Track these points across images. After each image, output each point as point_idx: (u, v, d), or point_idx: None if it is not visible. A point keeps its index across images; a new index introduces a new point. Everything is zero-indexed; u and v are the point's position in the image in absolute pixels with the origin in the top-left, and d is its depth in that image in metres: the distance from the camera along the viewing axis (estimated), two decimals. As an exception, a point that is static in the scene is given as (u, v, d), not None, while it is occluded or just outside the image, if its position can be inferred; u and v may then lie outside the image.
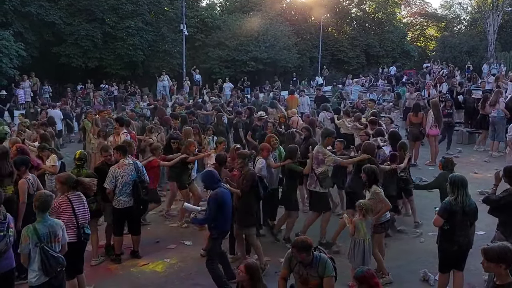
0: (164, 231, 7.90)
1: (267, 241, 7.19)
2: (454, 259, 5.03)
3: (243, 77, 27.55)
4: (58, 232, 4.52)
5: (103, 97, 20.12)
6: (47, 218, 4.53)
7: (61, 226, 4.62)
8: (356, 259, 5.49)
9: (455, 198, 4.85)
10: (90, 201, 6.34)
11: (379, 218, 5.73)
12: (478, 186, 9.00)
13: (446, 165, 6.73)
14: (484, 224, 6.79)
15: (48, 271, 4.40)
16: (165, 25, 28.06)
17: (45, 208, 4.52)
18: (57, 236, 4.50)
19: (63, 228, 4.67)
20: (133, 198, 6.46)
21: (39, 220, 4.45)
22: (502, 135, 11.86)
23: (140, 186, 6.50)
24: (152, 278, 6.15)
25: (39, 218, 4.46)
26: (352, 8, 42.04)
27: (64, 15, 24.43)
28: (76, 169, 6.52)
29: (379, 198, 5.68)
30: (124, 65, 26.41)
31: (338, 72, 35.02)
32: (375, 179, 5.80)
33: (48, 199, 4.56)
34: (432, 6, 46.98)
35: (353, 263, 5.52)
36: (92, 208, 6.31)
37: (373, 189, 5.73)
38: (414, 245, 6.95)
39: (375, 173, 5.82)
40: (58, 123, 14.03)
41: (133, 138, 9.62)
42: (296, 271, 4.42)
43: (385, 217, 5.89)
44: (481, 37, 38.47)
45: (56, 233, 4.50)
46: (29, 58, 22.02)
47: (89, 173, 6.58)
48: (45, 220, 4.49)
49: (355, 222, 5.49)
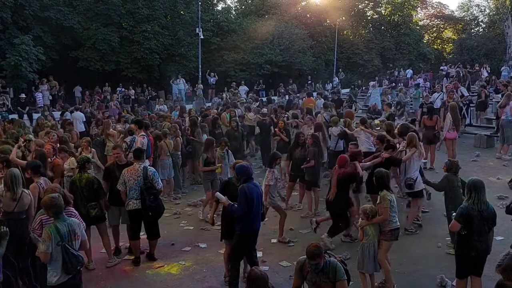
0: (179, 234, 7.97)
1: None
2: (471, 265, 4.95)
3: (258, 80, 27.61)
4: (77, 230, 4.59)
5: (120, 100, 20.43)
6: (65, 217, 4.60)
7: (78, 224, 4.70)
8: (367, 266, 5.46)
9: (471, 202, 4.79)
10: (91, 207, 6.43)
11: (388, 224, 5.56)
12: (497, 191, 8.86)
13: (450, 167, 6.63)
14: (503, 230, 6.69)
15: (69, 269, 4.45)
16: (181, 28, 28.29)
17: (61, 209, 4.57)
18: (76, 234, 4.57)
19: (80, 226, 4.74)
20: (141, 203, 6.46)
21: (58, 220, 4.51)
22: (511, 139, 11.85)
23: (146, 193, 6.40)
24: (167, 281, 6.19)
25: (58, 219, 4.52)
26: (367, 10, 41.75)
27: (82, 19, 24.83)
28: (79, 173, 6.64)
29: (385, 204, 5.56)
30: (141, 69, 26.70)
31: (353, 75, 34.84)
32: (383, 184, 5.74)
33: (59, 201, 4.59)
34: (449, 8, 46.23)
35: (365, 269, 5.50)
36: (91, 213, 6.41)
37: (382, 194, 5.67)
38: (431, 249, 6.86)
39: (383, 177, 5.77)
40: (80, 124, 14.29)
41: (151, 142, 9.73)
42: (309, 279, 4.40)
43: (395, 224, 5.64)
44: (499, 39, 37.79)
45: (75, 231, 4.56)
46: (48, 61, 22.42)
47: (90, 177, 6.61)
48: (64, 219, 4.55)
49: (362, 225, 5.48)
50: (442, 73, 27.69)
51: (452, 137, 11.20)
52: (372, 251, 5.47)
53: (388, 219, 5.53)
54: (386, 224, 5.56)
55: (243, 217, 5.47)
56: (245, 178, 5.54)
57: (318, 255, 4.22)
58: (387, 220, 5.53)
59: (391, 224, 5.58)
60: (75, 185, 6.47)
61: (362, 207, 5.76)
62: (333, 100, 17.42)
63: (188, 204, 9.70)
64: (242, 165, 5.81)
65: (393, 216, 5.60)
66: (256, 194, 5.53)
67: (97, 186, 6.56)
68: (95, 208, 6.48)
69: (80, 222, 4.80)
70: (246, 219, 5.50)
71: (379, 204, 5.65)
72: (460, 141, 11.81)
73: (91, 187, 6.47)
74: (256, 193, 5.54)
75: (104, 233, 6.72)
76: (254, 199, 5.48)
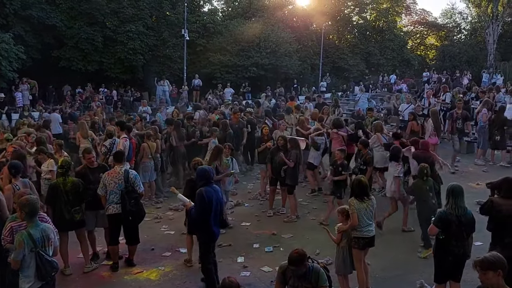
0: (160, 238, 7.86)
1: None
2: (449, 270, 4.97)
3: (244, 83, 27.57)
4: (50, 235, 4.47)
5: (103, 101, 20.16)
6: (38, 222, 4.48)
7: (52, 230, 4.58)
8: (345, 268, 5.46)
9: (449, 207, 4.84)
10: (75, 212, 6.28)
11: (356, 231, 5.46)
12: (476, 196, 8.95)
13: (419, 172, 6.89)
14: (482, 235, 6.71)
15: (43, 276, 4.34)
16: (167, 29, 28.10)
17: (35, 212, 4.45)
18: (50, 240, 4.45)
19: (54, 231, 4.61)
20: (121, 207, 6.30)
21: (31, 225, 4.38)
22: (485, 144, 12.22)
23: (127, 197, 6.25)
24: (146, 286, 6.08)
25: (31, 223, 4.39)
26: (353, 16, 42.14)
27: (65, 18, 24.46)
28: (61, 177, 6.41)
29: (351, 210, 5.46)
30: (124, 69, 26.41)
31: (338, 80, 35.07)
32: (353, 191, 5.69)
33: (36, 202, 4.48)
34: (433, 15, 46.64)
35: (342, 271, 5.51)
36: (76, 218, 6.26)
37: (349, 200, 5.60)
38: (411, 255, 6.89)
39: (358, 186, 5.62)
40: (57, 126, 14.00)
41: (133, 144, 9.58)
42: (290, 284, 4.35)
43: (362, 233, 5.47)
44: (480, 46, 38.53)
45: (49, 236, 4.45)
46: (29, 61, 22.02)
47: (75, 181, 6.43)
48: (37, 224, 4.43)
49: (341, 228, 5.45)
50: (423, 80, 28.06)
51: (433, 143, 11.31)
52: (348, 253, 5.50)
53: (356, 224, 5.41)
54: (354, 230, 5.48)
55: (202, 221, 5.38)
56: (204, 182, 5.42)
57: (301, 261, 4.17)
58: (355, 225, 5.41)
59: (357, 231, 5.47)
60: (59, 189, 6.24)
61: (339, 208, 5.75)
62: (318, 104, 17.44)
63: (169, 208, 9.57)
64: (203, 168, 5.72)
65: (366, 223, 5.47)
66: (214, 198, 5.40)
67: (83, 189, 6.39)
68: (79, 212, 6.34)
69: (53, 228, 4.67)
70: (205, 224, 5.41)
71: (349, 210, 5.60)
72: (441, 146, 11.93)
73: (77, 191, 6.32)
74: (214, 198, 5.41)
75: (84, 238, 6.58)
76: (213, 203, 5.36)
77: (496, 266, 3.42)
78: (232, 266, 6.57)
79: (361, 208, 5.46)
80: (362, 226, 5.43)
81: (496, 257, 3.47)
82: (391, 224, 8.03)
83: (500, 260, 3.45)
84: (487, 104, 12.27)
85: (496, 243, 4.99)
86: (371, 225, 5.55)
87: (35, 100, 19.86)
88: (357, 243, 5.49)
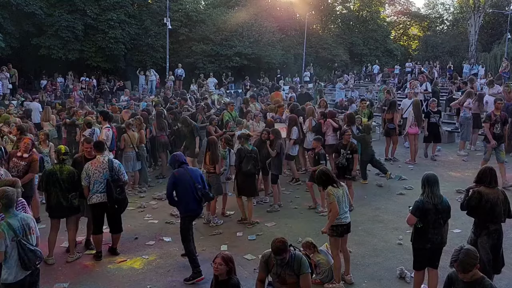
0: (143, 227, 7.85)
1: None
2: (427, 257, 5.09)
3: (227, 72, 27.43)
4: (31, 223, 4.44)
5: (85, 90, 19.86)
6: (16, 212, 4.45)
7: (32, 218, 4.55)
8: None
9: (425, 195, 4.94)
10: (72, 197, 6.30)
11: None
12: (455, 185, 9.16)
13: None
14: (461, 223, 6.92)
15: (27, 265, 4.30)
16: (148, 18, 27.70)
17: (12, 203, 4.40)
18: (31, 228, 4.42)
19: (34, 220, 4.58)
20: (107, 196, 6.33)
21: (9, 215, 4.34)
22: (468, 135, 12.35)
23: (113, 185, 6.31)
24: (130, 275, 6.08)
25: (8, 214, 4.34)
26: (336, 6, 42.24)
27: (44, 5, 23.91)
28: (58, 164, 6.47)
29: (330, 199, 5.47)
30: (106, 58, 26.01)
31: (322, 70, 35.16)
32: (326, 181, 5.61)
33: (12, 194, 4.42)
34: (416, 5, 47.42)
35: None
36: (75, 203, 6.35)
37: (326, 190, 5.57)
38: (391, 242, 7.04)
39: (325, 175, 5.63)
40: (37, 115, 13.77)
41: (115, 134, 9.53)
42: (273, 272, 4.42)
43: (339, 220, 5.47)
44: (462, 37, 39.08)
45: (29, 225, 4.41)
46: (8, 49, 21.51)
47: (71, 169, 6.48)
48: (15, 214, 4.39)
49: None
50: (407, 70, 28.35)
51: (413, 132, 11.54)
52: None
53: (337, 212, 5.40)
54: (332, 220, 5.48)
55: (180, 200, 6.04)
56: (178, 164, 6.14)
57: (283, 250, 4.25)
58: (337, 214, 5.41)
59: (335, 219, 5.47)
60: (55, 176, 6.29)
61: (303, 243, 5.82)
62: (301, 94, 17.50)
63: (153, 197, 9.57)
64: (173, 154, 6.44)
65: (343, 210, 5.49)
66: (188, 178, 6.00)
67: (77, 178, 6.42)
68: (76, 198, 6.38)
69: (32, 217, 4.63)
70: (183, 202, 6.03)
71: (327, 200, 5.65)
72: (422, 136, 12.12)
73: (72, 180, 6.37)
74: (188, 177, 6.01)
75: (74, 226, 6.58)
76: (187, 182, 5.96)
77: (475, 265, 3.66)
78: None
79: (339, 195, 5.50)
80: (340, 213, 5.46)
81: (473, 257, 3.66)
82: (371, 212, 8.20)
83: (476, 258, 3.68)
84: (470, 95, 12.46)
85: (482, 231, 5.11)
86: (347, 212, 5.61)
87: (15, 89, 19.43)
88: (335, 231, 5.52)
